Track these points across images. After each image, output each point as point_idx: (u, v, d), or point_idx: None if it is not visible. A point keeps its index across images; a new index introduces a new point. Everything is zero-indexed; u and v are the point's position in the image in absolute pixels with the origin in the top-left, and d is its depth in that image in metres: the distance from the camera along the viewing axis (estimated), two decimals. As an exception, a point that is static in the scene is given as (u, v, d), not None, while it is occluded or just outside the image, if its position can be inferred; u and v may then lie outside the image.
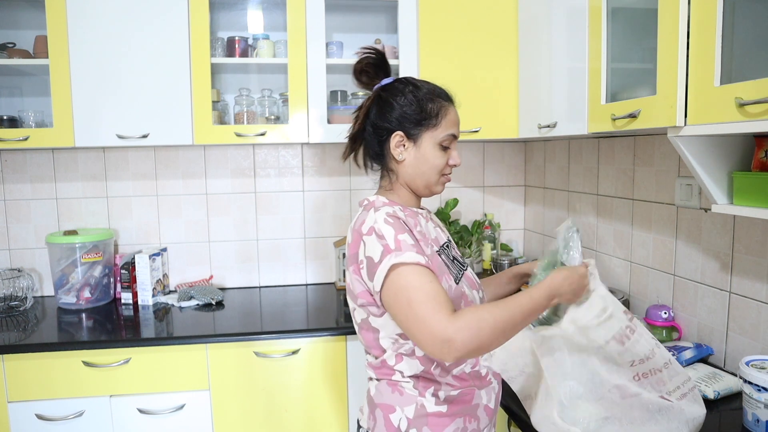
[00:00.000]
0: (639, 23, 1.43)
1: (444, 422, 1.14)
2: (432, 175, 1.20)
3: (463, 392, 1.16)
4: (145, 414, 1.86)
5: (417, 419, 1.13)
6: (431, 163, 1.19)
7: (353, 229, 1.17)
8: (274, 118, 2.29)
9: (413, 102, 1.17)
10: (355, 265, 1.13)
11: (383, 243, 1.06)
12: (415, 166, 1.19)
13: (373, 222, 1.10)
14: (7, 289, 2.22)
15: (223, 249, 2.49)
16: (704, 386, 1.32)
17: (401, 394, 1.15)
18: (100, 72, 2.00)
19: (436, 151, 1.19)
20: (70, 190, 2.38)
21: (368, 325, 1.17)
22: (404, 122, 1.17)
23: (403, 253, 1.04)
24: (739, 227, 1.45)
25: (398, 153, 1.19)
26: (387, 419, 1.14)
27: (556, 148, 2.34)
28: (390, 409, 1.15)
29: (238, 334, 1.88)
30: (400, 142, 1.18)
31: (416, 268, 1.04)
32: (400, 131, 1.18)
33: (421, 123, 1.17)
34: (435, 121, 1.18)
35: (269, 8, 2.31)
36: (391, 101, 1.18)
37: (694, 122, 1.15)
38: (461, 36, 2.10)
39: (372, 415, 1.18)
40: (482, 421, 1.20)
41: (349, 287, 1.18)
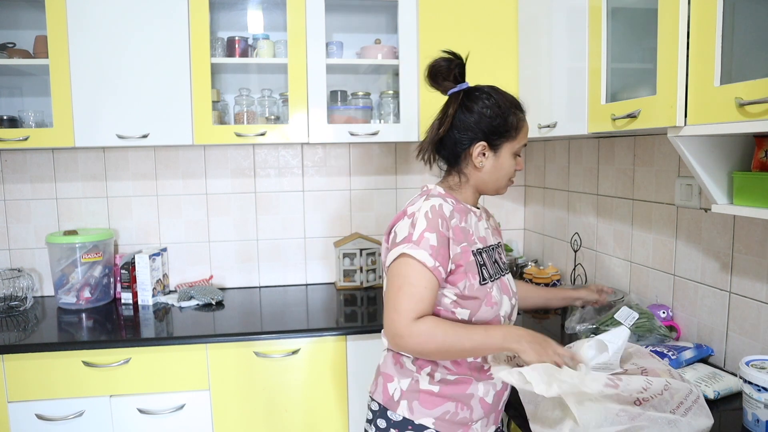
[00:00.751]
0: (639, 23, 1.43)
1: (434, 401, 1.21)
2: (503, 181, 1.29)
3: (459, 379, 1.22)
4: (145, 414, 1.86)
5: (409, 392, 1.22)
6: (506, 171, 1.27)
7: (405, 207, 1.24)
8: (274, 118, 2.29)
9: (498, 115, 1.23)
10: (387, 235, 1.24)
11: (410, 231, 1.16)
12: (492, 173, 1.27)
13: (418, 209, 1.19)
14: (7, 289, 2.22)
15: (223, 249, 2.49)
16: (704, 386, 1.32)
17: (401, 367, 1.25)
18: (100, 72, 2.00)
19: (511, 160, 1.27)
20: (70, 190, 2.38)
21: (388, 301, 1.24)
22: (489, 133, 1.23)
23: (418, 248, 1.14)
24: (739, 227, 1.45)
25: (479, 161, 1.25)
26: (385, 387, 1.26)
27: (556, 148, 2.34)
28: (389, 378, 1.26)
29: (238, 334, 1.88)
30: (482, 152, 1.24)
31: (420, 267, 1.14)
32: (485, 141, 1.24)
33: (503, 135, 1.24)
34: (515, 134, 1.25)
35: (269, 8, 2.31)
36: (478, 111, 1.23)
37: (694, 122, 1.15)
38: (461, 36, 2.10)
39: (376, 381, 1.30)
40: (476, 412, 1.23)
41: (383, 256, 1.26)
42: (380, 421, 1.25)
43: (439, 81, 1.27)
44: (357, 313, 2.12)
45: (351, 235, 2.48)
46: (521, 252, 2.70)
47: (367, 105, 2.31)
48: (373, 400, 1.29)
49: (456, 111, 1.25)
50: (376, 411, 1.26)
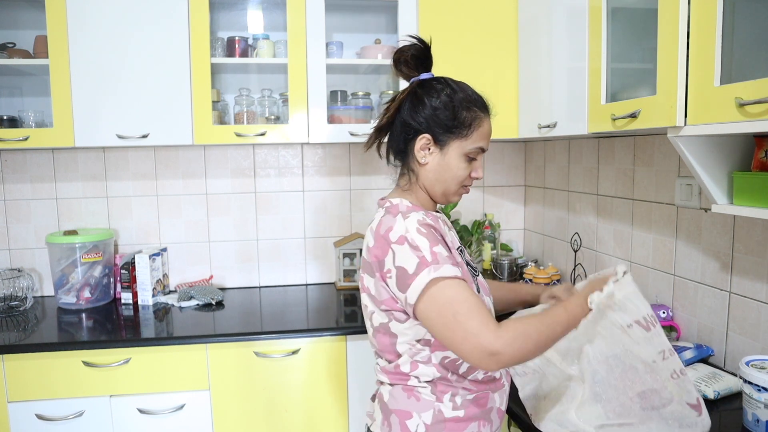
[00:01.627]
0: (639, 23, 1.43)
1: (460, 427, 1.12)
2: (452, 185, 1.17)
3: (478, 396, 1.15)
4: (145, 414, 1.86)
5: (435, 425, 1.11)
6: (453, 173, 1.15)
7: (376, 233, 1.11)
8: (274, 118, 2.29)
9: (448, 106, 1.13)
10: (380, 273, 1.09)
11: (419, 255, 1.03)
12: (437, 172, 1.16)
13: (404, 231, 1.06)
14: (7, 289, 2.22)
15: (223, 249, 2.49)
16: (704, 386, 1.32)
17: (418, 400, 1.12)
18: (100, 72, 2.00)
19: (461, 162, 1.15)
20: (70, 190, 2.38)
21: (386, 330, 1.14)
22: (434, 125, 1.13)
23: (441, 266, 1.02)
24: (739, 227, 1.45)
25: (422, 156, 1.15)
26: (403, 425, 1.12)
27: (556, 148, 2.34)
28: (406, 415, 1.12)
29: (238, 334, 1.88)
30: (426, 145, 1.14)
31: (455, 281, 1.02)
32: (428, 134, 1.14)
33: (451, 130, 1.13)
34: (466, 132, 1.13)
35: (269, 8, 2.31)
36: (425, 100, 1.13)
37: (694, 122, 1.15)
38: (461, 36, 2.10)
39: (387, 421, 1.15)
40: (494, 424, 1.18)
41: (369, 291, 1.14)
42: None
43: (403, 68, 1.17)
44: (357, 313, 2.12)
45: (351, 235, 2.48)
46: (521, 252, 2.70)
47: (367, 105, 2.31)
48: None
49: (405, 98, 1.16)
50: None
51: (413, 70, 1.17)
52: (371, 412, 1.23)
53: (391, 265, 1.06)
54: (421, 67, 1.17)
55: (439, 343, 1.09)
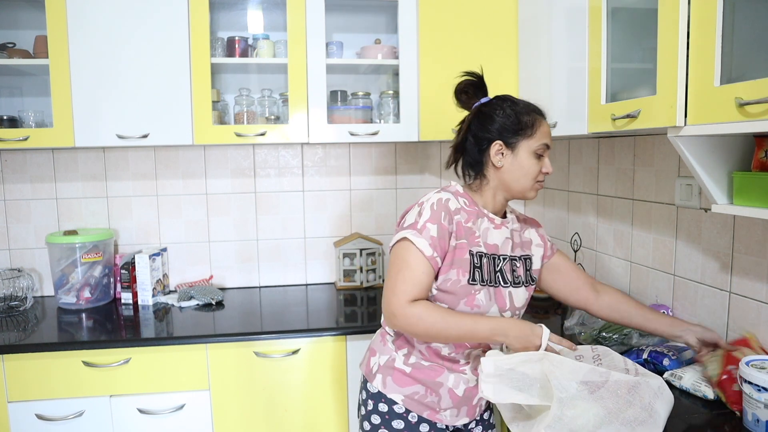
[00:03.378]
0: (639, 23, 1.43)
1: (405, 380, 1.33)
2: (527, 181, 1.32)
3: (431, 366, 1.33)
4: (145, 414, 1.86)
5: (385, 368, 1.36)
6: (526, 170, 1.31)
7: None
8: (274, 118, 2.29)
9: (511, 115, 1.30)
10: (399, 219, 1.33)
11: (416, 219, 1.25)
12: (512, 172, 1.31)
13: (427, 200, 1.28)
14: (7, 289, 2.22)
15: (223, 249, 2.49)
16: (704, 386, 1.32)
17: (384, 344, 1.39)
18: (100, 72, 2.00)
19: (531, 159, 1.30)
20: (70, 190, 2.38)
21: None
22: (503, 132, 1.30)
23: (420, 237, 1.23)
24: (739, 227, 1.45)
25: (497, 160, 1.31)
26: (368, 360, 1.42)
27: (556, 148, 2.34)
28: (373, 352, 1.41)
29: (238, 334, 1.88)
30: (499, 150, 1.30)
31: (417, 252, 1.23)
32: (500, 140, 1.30)
33: (518, 133, 1.30)
34: (531, 132, 1.30)
35: (269, 8, 2.31)
36: (492, 114, 1.31)
37: (694, 122, 1.15)
38: (461, 36, 2.10)
39: (365, 355, 1.46)
40: (444, 401, 1.33)
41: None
42: (363, 392, 1.41)
43: (463, 98, 1.36)
44: (357, 313, 2.12)
45: (351, 235, 2.48)
46: (521, 252, 2.69)
47: (367, 105, 2.31)
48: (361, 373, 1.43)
49: (472, 118, 1.34)
50: (361, 382, 1.42)
51: (473, 97, 1.36)
52: None
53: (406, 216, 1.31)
54: (480, 94, 1.36)
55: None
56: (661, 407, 1.15)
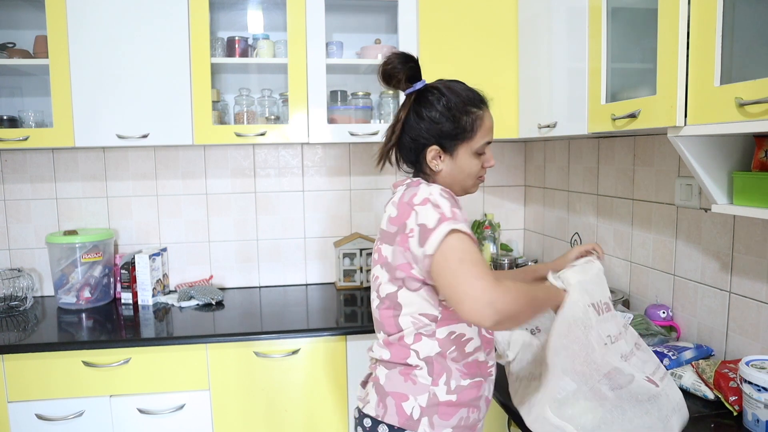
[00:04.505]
0: (639, 23, 1.43)
1: (452, 411, 1.17)
2: (468, 181, 1.24)
3: (471, 383, 1.19)
4: (145, 414, 1.86)
5: (429, 408, 1.16)
6: (467, 172, 1.22)
7: (400, 203, 1.17)
8: (274, 118, 2.29)
9: (448, 117, 1.18)
10: (402, 236, 1.14)
11: (440, 211, 1.09)
12: (451, 175, 1.22)
13: (428, 194, 1.13)
14: (7, 289, 2.23)
15: (223, 249, 2.49)
16: (704, 387, 1.32)
17: (414, 383, 1.17)
18: (100, 72, 2.00)
19: (472, 160, 1.22)
20: (70, 190, 2.38)
21: (392, 302, 1.18)
22: (440, 137, 1.19)
23: (458, 222, 1.08)
24: (739, 227, 1.45)
25: (435, 165, 1.21)
26: (399, 407, 1.17)
27: (556, 148, 2.34)
28: (402, 397, 1.17)
29: (238, 334, 1.88)
30: (435, 156, 1.20)
31: (468, 237, 1.08)
32: (436, 146, 1.20)
33: (456, 137, 1.19)
34: (470, 134, 1.20)
35: (269, 8, 2.31)
36: (426, 115, 1.19)
37: (694, 122, 1.15)
38: (461, 36, 2.10)
39: (382, 403, 1.19)
40: (481, 412, 1.24)
41: (386, 260, 1.18)
42: None
43: (393, 83, 1.21)
44: (357, 313, 2.12)
45: (351, 235, 2.48)
46: (521, 252, 2.70)
47: (367, 105, 2.31)
48: (379, 423, 1.18)
49: (406, 116, 1.21)
50: None
51: (405, 83, 1.21)
52: (362, 396, 1.26)
53: (413, 224, 1.12)
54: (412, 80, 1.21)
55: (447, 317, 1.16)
56: (676, 423, 1.14)
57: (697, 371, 1.34)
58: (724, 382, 1.26)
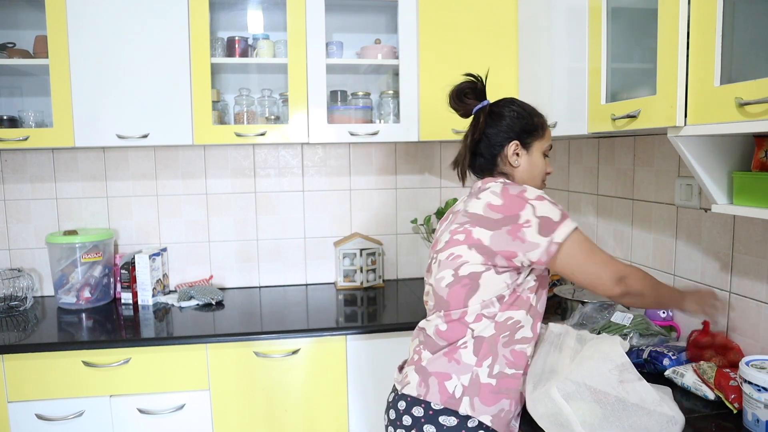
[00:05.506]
0: (639, 23, 1.43)
1: (492, 398, 1.22)
2: (539, 180, 1.36)
3: (514, 374, 1.24)
4: (145, 414, 1.86)
5: (471, 387, 1.21)
6: (540, 169, 1.35)
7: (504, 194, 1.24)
8: (274, 118, 2.29)
9: (524, 116, 1.33)
10: (513, 225, 1.20)
11: (559, 209, 1.22)
12: (528, 171, 1.34)
13: (540, 192, 1.24)
14: (7, 289, 2.22)
15: (223, 249, 2.49)
16: (705, 387, 1.32)
17: (458, 363, 1.22)
18: (100, 72, 2.00)
19: (542, 159, 1.35)
20: (70, 190, 2.38)
21: (472, 280, 1.23)
22: (520, 132, 1.32)
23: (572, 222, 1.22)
24: (739, 227, 1.45)
25: (514, 159, 1.32)
26: (442, 385, 1.21)
27: (556, 148, 2.34)
28: (446, 376, 1.22)
29: (238, 334, 1.88)
30: (515, 150, 1.32)
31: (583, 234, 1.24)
32: (517, 140, 1.32)
33: (532, 133, 1.33)
34: (542, 132, 1.35)
35: (269, 8, 2.31)
36: (505, 115, 1.33)
37: (694, 122, 1.15)
38: (461, 36, 2.10)
39: (424, 382, 1.24)
40: (518, 406, 1.27)
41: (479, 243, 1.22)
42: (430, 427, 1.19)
43: (465, 101, 1.35)
44: (357, 313, 2.12)
45: (351, 235, 2.48)
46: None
47: (367, 105, 2.31)
48: (419, 402, 1.22)
49: (486, 119, 1.33)
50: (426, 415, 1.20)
51: (474, 99, 1.36)
52: (400, 379, 1.31)
53: (531, 216, 1.20)
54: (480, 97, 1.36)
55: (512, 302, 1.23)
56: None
57: (698, 371, 1.34)
58: (724, 381, 1.26)
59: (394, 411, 1.26)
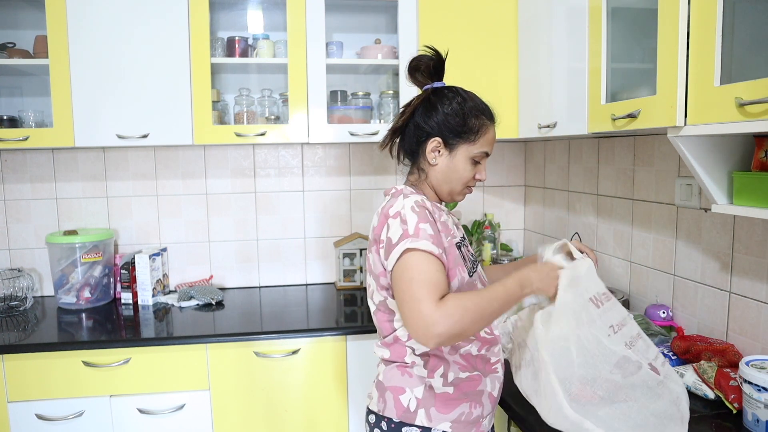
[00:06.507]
0: (639, 23, 1.43)
1: (451, 404, 1.19)
2: (457, 185, 1.26)
3: (470, 377, 1.22)
4: (145, 414, 1.86)
5: (425, 399, 1.19)
6: (460, 174, 1.25)
7: (381, 212, 1.22)
8: (274, 118, 2.29)
9: (458, 113, 1.22)
10: (376, 245, 1.20)
11: (404, 228, 1.13)
12: (445, 173, 1.25)
13: (401, 207, 1.17)
14: (7, 289, 2.23)
15: (223, 249, 2.49)
16: (705, 386, 1.32)
17: (410, 376, 1.20)
18: (100, 72, 2.00)
19: (467, 164, 1.24)
20: (70, 190, 2.38)
21: (385, 307, 1.23)
22: (445, 130, 1.22)
23: (419, 240, 1.11)
24: (739, 227, 1.45)
25: (432, 157, 1.24)
26: (397, 400, 1.20)
27: (556, 148, 2.34)
28: (399, 390, 1.21)
29: (238, 334, 1.88)
30: (436, 148, 1.24)
31: (427, 255, 1.11)
32: (439, 137, 1.23)
33: (460, 135, 1.23)
34: (474, 137, 1.23)
35: (269, 8, 2.31)
36: (438, 107, 1.23)
37: (694, 122, 1.15)
38: (461, 36, 2.10)
39: (382, 398, 1.23)
40: (486, 408, 1.24)
41: (371, 268, 1.24)
42: None
43: (418, 76, 1.27)
44: (357, 313, 2.12)
45: (351, 235, 2.48)
46: (521, 252, 2.70)
47: (367, 105, 2.31)
48: (381, 418, 1.22)
49: (419, 104, 1.25)
50: (389, 429, 1.21)
51: (427, 78, 1.27)
52: (370, 392, 1.30)
53: (384, 236, 1.17)
54: (435, 76, 1.27)
55: None
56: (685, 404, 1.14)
57: (698, 371, 1.34)
58: (724, 381, 1.26)
59: (368, 425, 1.28)
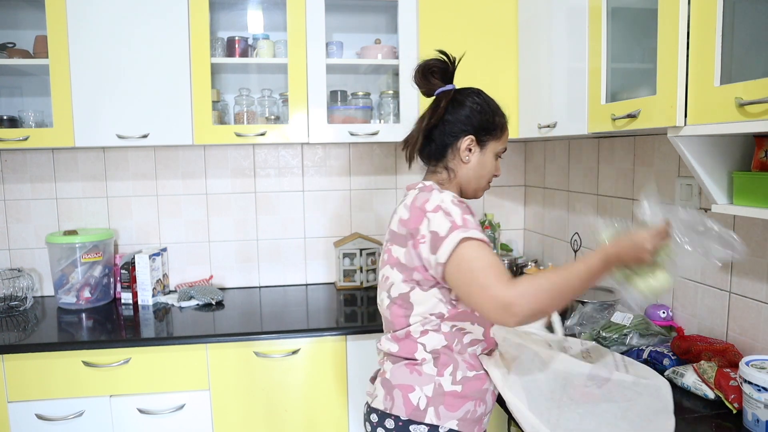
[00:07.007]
0: (639, 23, 1.43)
1: (458, 403, 1.20)
2: (484, 181, 1.31)
3: (476, 375, 1.23)
4: (145, 414, 1.86)
5: (435, 398, 1.19)
6: (488, 170, 1.30)
7: (412, 206, 1.20)
8: (274, 118, 2.29)
9: (487, 111, 1.27)
10: (413, 240, 1.17)
11: (451, 220, 1.13)
12: (476, 170, 1.28)
13: (440, 201, 1.16)
14: (7, 289, 2.22)
15: (223, 249, 2.49)
16: (705, 386, 1.32)
17: (420, 375, 1.20)
18: (100, 72, 2.00)
19: (493, 160, 1.30)
20: (70, 190, 2.38)
21: (404, 300, 1.21)
22: (478, 128, 1.26)
23: (469, 230, 1.11)
24: (739, 227, 1.45)
25: (466, 155, 1.26)
26: (406, 398, 1.20)
27: (556, 148, 2.34)
28: (409, 388, 1.20)
29: (238, 334, 1.88)
30: (469, 145, 1.26)
31: (480, 243, 1.11)
32: (473, 135, 1.26)
33: (490, 132, 1.27)
34: (500, 134, 1.29)
35: (269, 8, 2.31)
36: (467, 106, 1.26)
37: (694, 122, 1.15)
38: (461, 36, 2.10)
39: (389, 395, 1.22)
40: (488, 406, 1.26)
41: (398, 261, 1.21)
42: None
43: (430, 79, 1.29)
44: (357, 313, 2.12)
45: (351, 235, 2.48)
46: (521, 252, 2.70)
47: (367, 105, 2.31)
48: (387, 416, 1.21)
49: (448, 104, 1.27)
50: (397, 427, 1.20)
51: (440, 81, 1.29)
52: (371, 392, 1.30)
53: (425, 230, 1.15)
54: (446, 80, 1.30)
55: (453, 316, 1.19)
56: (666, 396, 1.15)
57: (698, 371, 1.34)
58: (724, 381, 1.26)
59: (369, 424, 1.26)
